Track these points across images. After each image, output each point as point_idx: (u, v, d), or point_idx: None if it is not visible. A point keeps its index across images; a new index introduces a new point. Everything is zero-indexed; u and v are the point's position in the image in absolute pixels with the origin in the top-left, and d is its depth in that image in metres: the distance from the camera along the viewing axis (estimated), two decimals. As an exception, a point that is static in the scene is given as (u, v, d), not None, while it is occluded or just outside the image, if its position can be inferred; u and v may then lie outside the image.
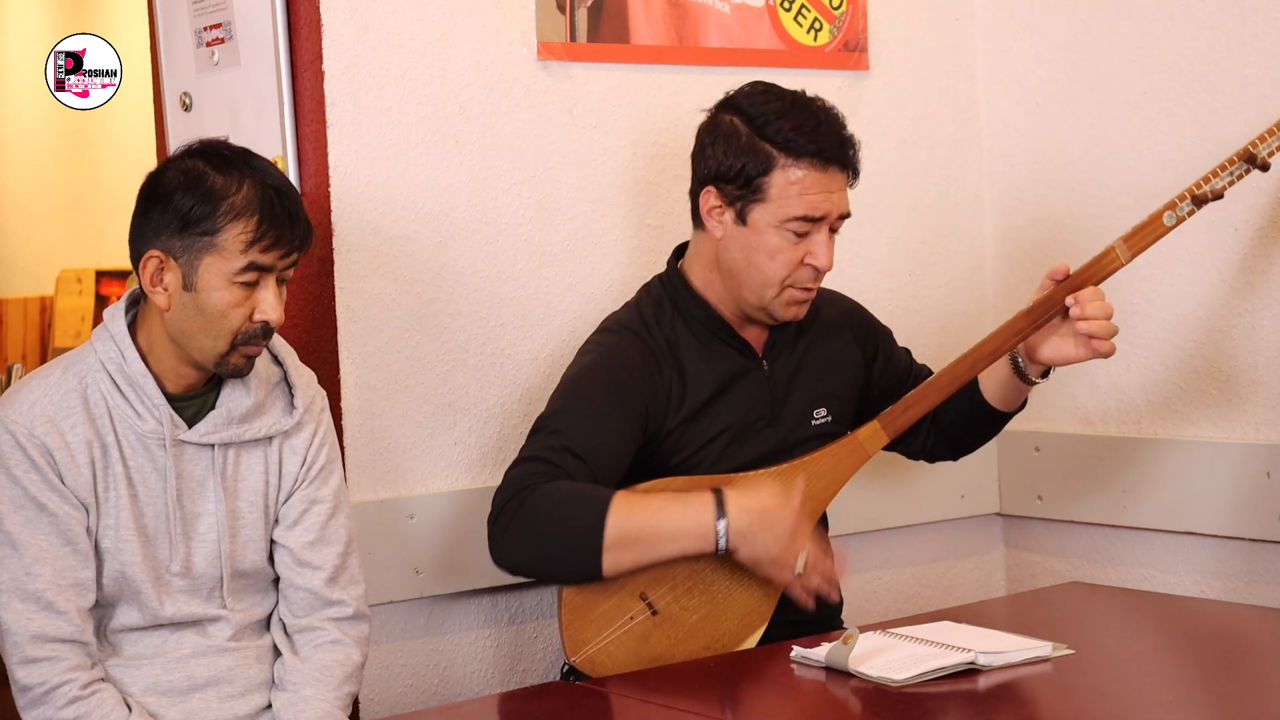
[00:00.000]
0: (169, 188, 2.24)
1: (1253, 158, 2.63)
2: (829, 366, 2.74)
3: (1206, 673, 2.41)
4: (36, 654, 2.19)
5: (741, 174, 2.56)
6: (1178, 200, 2.61)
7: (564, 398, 2.58)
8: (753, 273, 2.58)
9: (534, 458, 2.48)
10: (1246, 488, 3.01)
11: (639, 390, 2.57)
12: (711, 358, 2.63)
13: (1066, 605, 2.88)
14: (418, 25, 2.81)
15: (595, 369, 2.60)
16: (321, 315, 2.74)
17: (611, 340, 2.64)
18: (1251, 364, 3.02)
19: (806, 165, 2.54)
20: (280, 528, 2.38)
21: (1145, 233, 2.61)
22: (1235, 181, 2.64)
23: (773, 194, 2.55)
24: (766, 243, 2.56)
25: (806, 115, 2.56)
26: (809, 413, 2.70)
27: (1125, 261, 2.60)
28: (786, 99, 2.58)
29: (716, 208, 2.60)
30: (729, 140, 2.57)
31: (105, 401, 2.27)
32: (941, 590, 3.46)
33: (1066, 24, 3.30)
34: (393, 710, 2.80)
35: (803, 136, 2.53)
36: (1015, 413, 2.77)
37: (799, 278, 2.58)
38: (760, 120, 2.56)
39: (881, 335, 2.86)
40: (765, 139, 2.55)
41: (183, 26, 2.89)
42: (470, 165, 2.87)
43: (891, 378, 2.82)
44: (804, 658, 2.38)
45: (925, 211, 3.40)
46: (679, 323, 2.65)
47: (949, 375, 2.66)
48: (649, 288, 2.72)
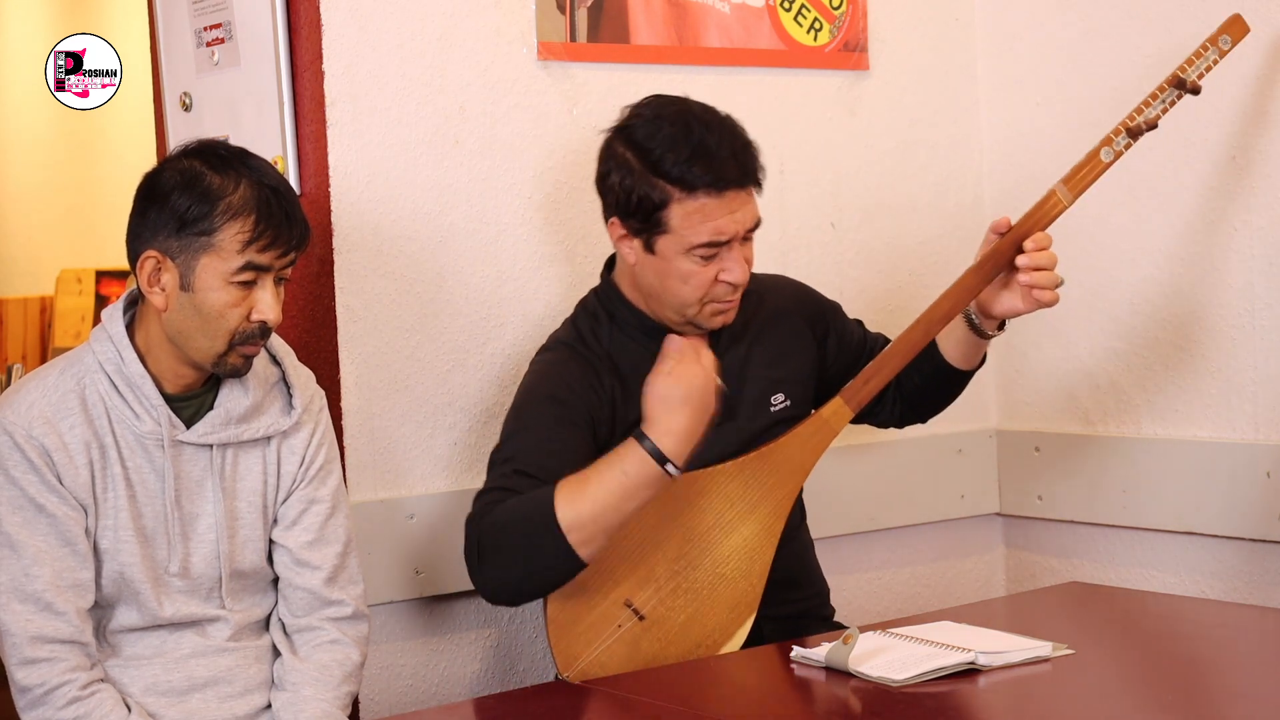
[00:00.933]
0: (166, 188, 2.24)
1: (1182, 82, 2.62)
2: (780, 352, 2.73)
3: (1206, 673, 2.41)
4: (36, 655, 2.19)
5: (640, 208, 2.53)
6: (1113, 135, 2.60)
7: (511, 423, 2.59)
8: (669, 296, 2.58)
9: (490, 489, 2.50)
10: (1246, 488, 3.01)
11: (581, 402, 2.56)
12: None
13: (1066, 605, 2.88)
14: (418, 25, 2.81)
15: (536, 388, 2.60)
16: (321, 315, 2.74)
17: (550, 358, 2.64)
18: (1251, 364, 3.02)
19: (703, 195, 2.51)
20: (279, 527, 2.38)
21: (1084, 172, 2.59)
22: (1168, 109, 2.62)
23: (674, 225, 2.52)
24: (677, 269, 2.54)
25: (696, 143, 2.51)
26: (766, 400, 2.68)
27: (1068, 204, 2.58)
28: (677, 123, 2.53)
29: (624, 236, 2.58)
30: (623, 173, 2.55)
31: (103, 402, 2.27)
32: (941, 590, 3.46)
33: (1066, 24, 3.30)
34: (393, 710, 2.80)
35: (695, 167, 2.50)
36: (977, 369, 2.76)
37: (716, 294, 2.57)
38: (653, 154, 2.52)
39: (830, 312, 2.84)
40: (658, 174, 2.52)
41: (183, 26, 2.89)
42: (470, 165, 2.87)
43: (847, 353, 2.81)
44: (804, 658, 2.38)
45: (925, 211, 3.40)
46: (616, 332, 2.65)
47: (905, 342, 2.64)
48: (585, 302, 2.72)
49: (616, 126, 2.60)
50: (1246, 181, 2.98)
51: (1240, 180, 2.99)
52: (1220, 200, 3.02)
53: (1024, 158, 3.39)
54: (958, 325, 2.65)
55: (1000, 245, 2.56)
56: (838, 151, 3.28)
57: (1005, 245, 2.56)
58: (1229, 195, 3.01)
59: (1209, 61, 2.65)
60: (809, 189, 3.24)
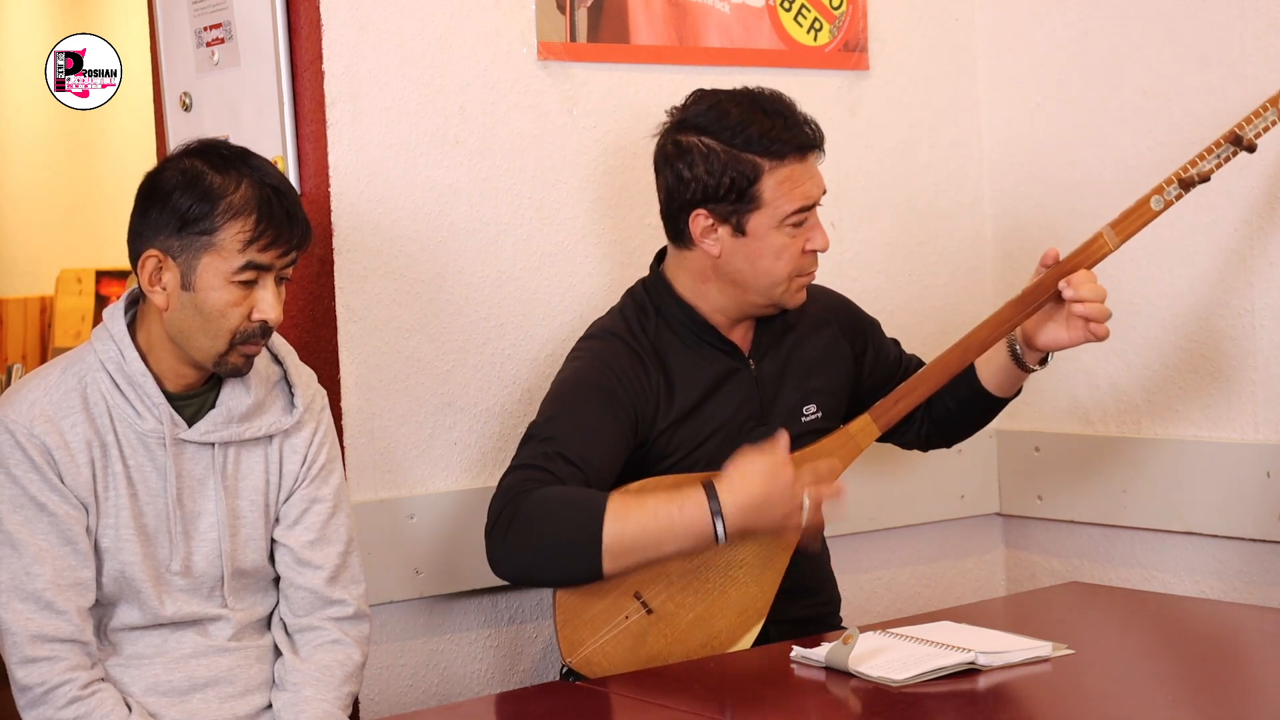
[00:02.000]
0: (167, 187, 2.24)
1: (1239, 139, 2.63)
2: (817, 362, 2.74)
3: (1206, 673, 2.41)
4: (36, 654, 2.19)
5: (732, 189, 2.56)
6: (1165, 184, 2.61)
7: (554, 404, 2.58)
8: (761, 276, 2.59)
9: (527, 465, 2.49)
10: (1246, 487, 3.01)
11: (628, 394, 2.57)
12: (698, 360, 2.64)
13: (1066, 605, 2.88)
14: (418, 25, 2.81)
15: (584, 375, 2.60)
16: (321, 315, 2.74)
17: (598, 346, 2.64)
18: (1251, 364, 3.02)
19: (791, 162, 2.56)
20: (281, 527, 2.38)
21: (1133, 218, 2.61)
22: (1222, 164, 2.63)
23: (767, 198, 2.56)
24: (771, 245, 2.57)
25: (770, 114, 2.57)
26: (799, 410, 2.69)
27: (1114, 248, 2.60)
28: (742, 104, 2.58)
29: (709, 227, 2.59)
30: (707, 160, 2.57)
31: (105, 401, 2.27)
32: (941, 590, 3.46)
33: (1066, 24, 3.30)
34: (393, 710, 2.80)
35: (779, 136, 2.55)
36: (1012, 398, 2.77)
37: (804, 265, 2.61)
38: (729, 133, 2.56)
39: (870, 327, 2.85)
40: (746, 149, 2.55)
41: (183, 26, 2.89)
42: (470, 165, 2.87)
43: (882, 370, 2.82)
44: (804, 658, 2.38)
45: (925, 211, 3.40)
46: (663, 327, 2.65)
47: (940, 366, 2.66)
48: (633, 293, 2.72)
49: (673, 124, 2.62)
50: (1247, 181, 2.98)
51: (1240, 180, 2.99)
52: (1220, 200, 3.02)
53: (1024, 158, 3.39)
54: (1000, 354, 2.66)
55: (1045, 279, 2.58)
56: (838, 151, 3.27)
57: (1049, 279, 2.58)
58: (1229, 195, 3.01)
59: (1268, 122, 2.65)
60: (809, 189, 3.23)
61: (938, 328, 3.38)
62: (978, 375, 2.70)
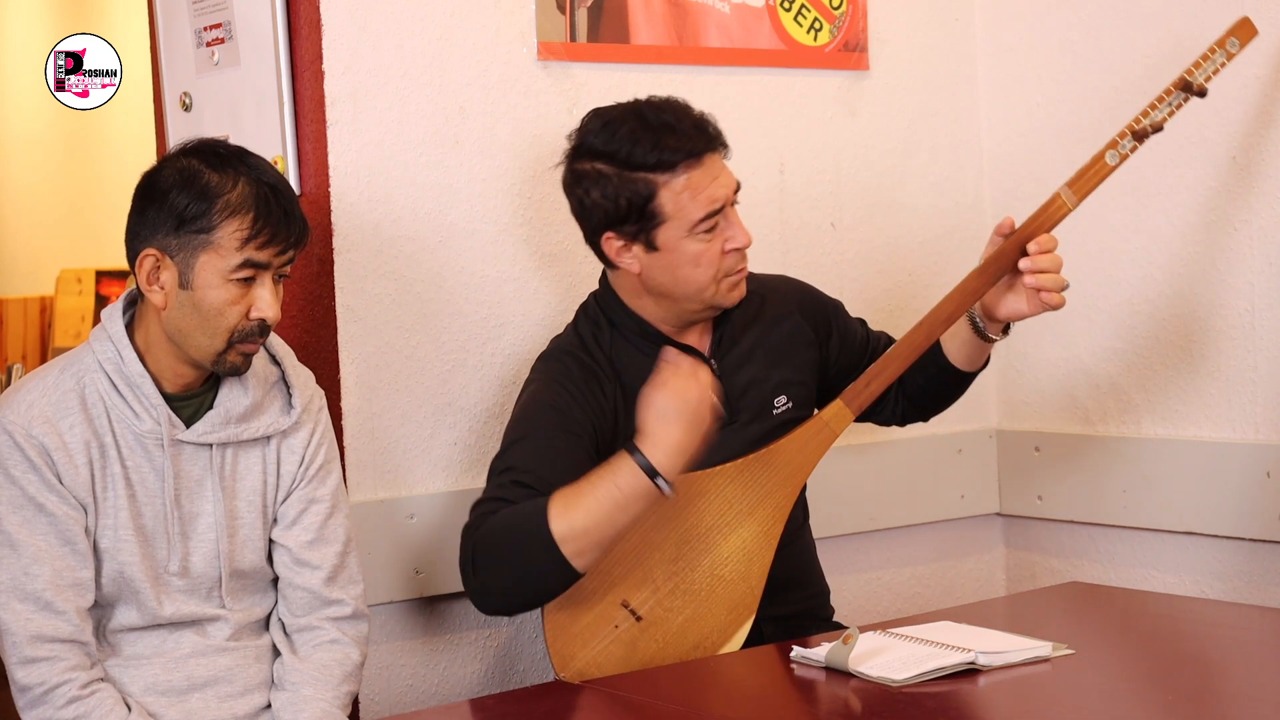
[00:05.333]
0: (164, 186, 2.24)
1: (1189, 85, 2.61)
2: (782, 353, 2.72)
3: (1206, 673, 2.41)
4: (36, 654, 2.19)
5: (630, 210, 2.54)
6: (1118, 138, 2.59)
7: (511, 433, 2.58)
8: (685, 285, 2.57)
9: (487, 499, 2.49)
10: (1246, 488, 3.01)
11: (584, 412, 2.56)
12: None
13: (1066, 605, 2.87)
14: (418, 25, 2.81)
15: (537, 397, 2.59)
16: (321, 315, 2.74)
17: (554, 367, 2.63)
18: (1251, 364, 3.02)
19: (684, 171, 2.52)
20: (279, 527, 2.38)
21: (1089, 175, 2.59)
22: (1174, 112, 2.62)
23: (669, 211, 2.53)
24: (687, 255, 2.55)
25: (655, 127, 2.53)
26: (770, 402, 2.68)
27: (1072, 207, 2.57)
28: (628, 120, 2.55)
29: (622, 248, 2.58)
30: (601, 185, 2.55)
31: (103, 401, 2.27)
32: (941, 590, 3.46)
33: (1066, 24, 3.30)
34: (393, 710, 2.80)
35: (666, 147, 2.51)
36: (980, 370, 2.76)
37: (729, 264, 2.57)
38: (620, 153, 2.53)
39: (832, 311, 2.83)
40: (634, 168, 2.52)
41: (183, 26, 2.89)
42: (470, 165, 2.87)
43: (850, 352, 2.80)
44: (804, 658, 2.38)
45: (925, 211, 3.40)
46: (618, 339, 2.64)
47: (908, 345, 2.64)
48: (585, 307, 2.71)
49: (570, 151, 2.60)
50: (1247, 181, 2.98)
51: (1240, 180, 2.99)
52: (1220, 200, 3.02)
53: (1024, 158, 3.39)
54: (962, 327, 2.65)
55: (1004, 247, 2.56)
56: (838, 151, 3.28)
57: (1009, 247, 2.56)
58: (1229, 195, 3.01)
59: (1216, 65, 2.64)
60: (809, 189, 3.24)
61: (938, 328, 3.38)
62: (944, 351, 2.69)
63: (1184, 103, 2.61)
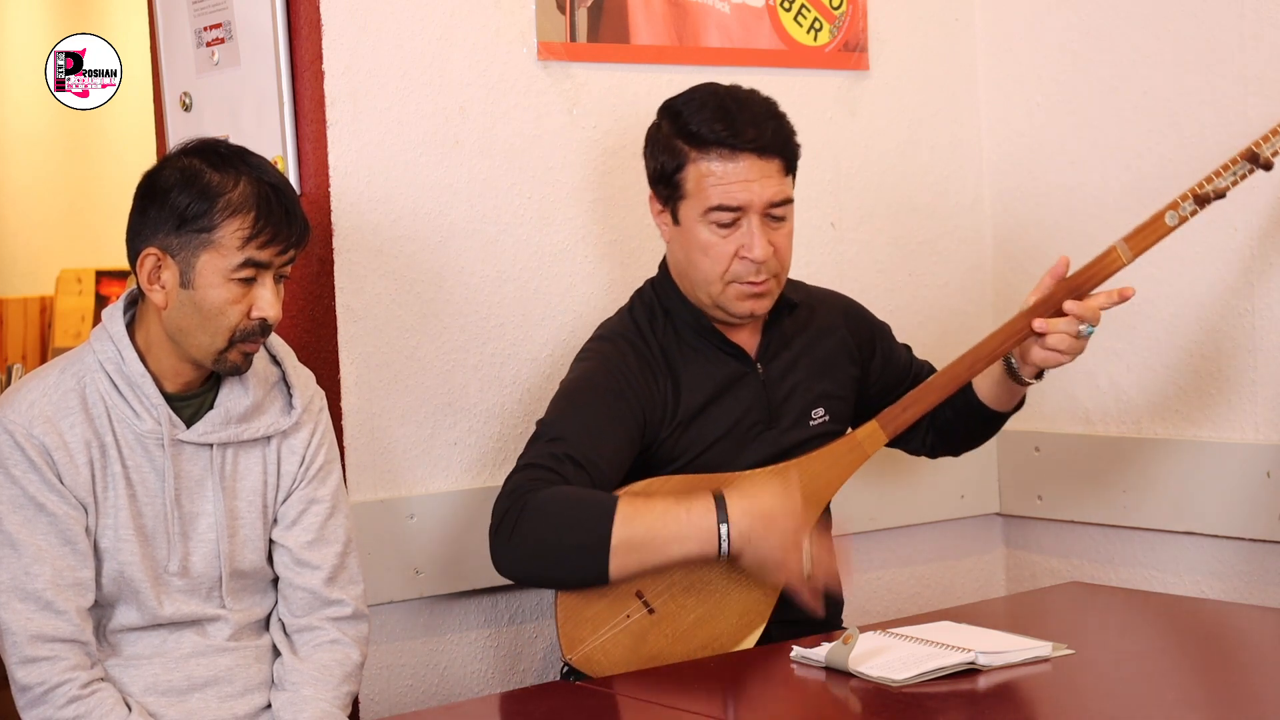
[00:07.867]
0: (165, 185, 2.24)
1: (1255, 157, 2.62)
2: (825, 367, 2.73)
3: (1206, 673, 2.41)
4: (36, 654, 2.19)
5: (663, 174, 2.58)
6: (1180, 200, 2.60)
7: (563, 404, 2.57)
8: (694, 271, 2.59)
9: (534, 464, 2.48)
10: (1246, 488, 3.01)
11: (636, 398, 2.56)
12: (705, 363, 2.63)
13: (1066, 605, 2.88)
14: (418, 25, 2.81)
15: (593, 376, 2.59)
16: (321, 315, 2.74)
17: (608, 349, 2.63)
18: (1251, 364, 3.02)
19: (714, 156, 2.54)
20: (279, 527, 2.38)
21: (1147, 232, 2.60)
22: (1238, 181, 2.63)
23: (689, 188, 2.56)
24: (697, 238, 2.56)
25: (721, 109, 2.55)
26: (807, 414, 2.69)
27: (1127, 262, 2.59)
28: (709, 95, 2.58)
29: (659, 211, 2.62)
30: (654, 143, 2.61)
31: (104, 401, 2.27)
32: (941, 590, 3.46)
33: (1066, 24, 3.30)
34: (393, 710, 2.80)
35: (715, 127, 2.53)
36: (1013, 412, 2.76)
37: (738, 272, 2.56)
38: (682, 118, 2.57)
39: (879, 332, 2.85)
40: (679, 135, 2.56)
41: (183, 26, 2.89)
42: (470, 165, 2.87)
43: (890, 375, 2.82)
44: (804, 658, 2.38)
45: (925, 211, 3.40)
46: (670, 329, 2.65)
47: (948, 375, 2.65)
48: (641, 293, 2.72)
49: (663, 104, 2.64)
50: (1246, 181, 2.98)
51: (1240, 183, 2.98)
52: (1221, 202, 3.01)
53: (1024, 158, 3.39)
54: (995, 367, 2.65)
55: (1054, 292, 2.57)
56: (838, 151, 3.28)
57: (1059, 293, 2.56)
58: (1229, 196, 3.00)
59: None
60: (809, 189, 3.24)
61: (938, 328, 3.38)
62: (974, 389, 2.70)
63: (1249, 173, 2.63)
